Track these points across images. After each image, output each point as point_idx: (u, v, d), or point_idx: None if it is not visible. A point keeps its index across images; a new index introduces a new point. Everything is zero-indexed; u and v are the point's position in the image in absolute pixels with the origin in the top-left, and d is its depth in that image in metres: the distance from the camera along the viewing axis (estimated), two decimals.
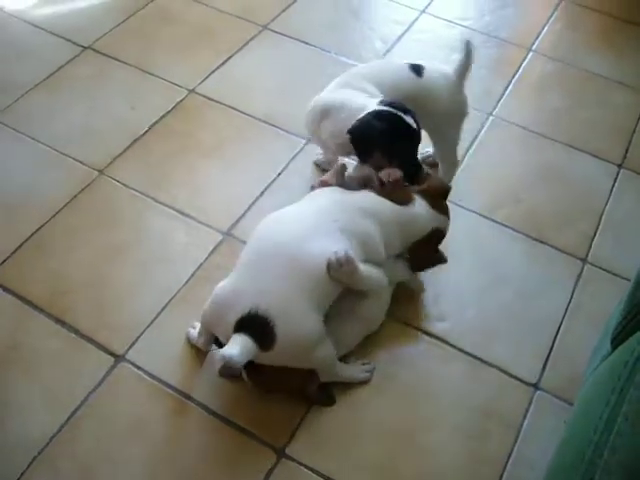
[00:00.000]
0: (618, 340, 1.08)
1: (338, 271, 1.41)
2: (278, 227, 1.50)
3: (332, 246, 1.42)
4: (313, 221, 1.48)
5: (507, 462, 1.45)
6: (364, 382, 1.54)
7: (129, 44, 2.33)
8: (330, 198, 1.54)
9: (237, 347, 1.30)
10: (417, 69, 1.77)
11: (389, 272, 1.56)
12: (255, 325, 1.34)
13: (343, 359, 1.54)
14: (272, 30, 2.38)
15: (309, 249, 1.42)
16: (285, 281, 1.39)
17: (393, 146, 1.61)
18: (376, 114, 1.60)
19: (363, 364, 1.56)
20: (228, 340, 1.36)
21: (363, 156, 1.65)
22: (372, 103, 1.64)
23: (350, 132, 1.62)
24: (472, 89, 2.20)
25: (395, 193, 1.57)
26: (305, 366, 1.44)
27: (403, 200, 1.57)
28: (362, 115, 1.61)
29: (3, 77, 2.20)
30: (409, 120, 1.61)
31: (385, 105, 1.62)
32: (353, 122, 1.62)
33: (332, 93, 1.75)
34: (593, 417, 0.85)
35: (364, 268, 1.46)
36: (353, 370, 1.55)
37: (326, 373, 1.48)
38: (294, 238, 1.44)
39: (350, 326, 1.54)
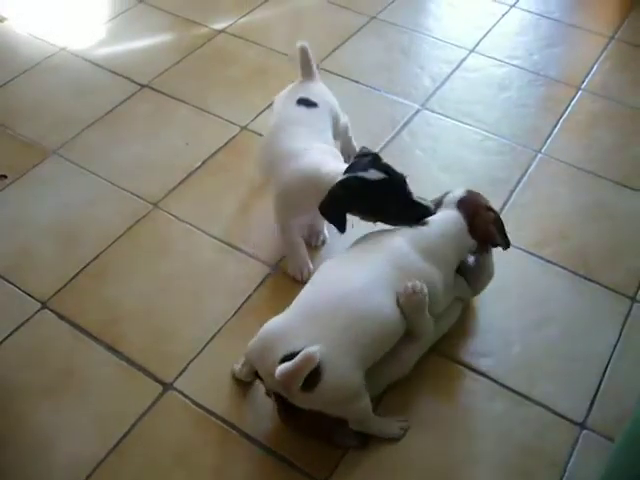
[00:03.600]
0: None
1: (409, 298, 1.45)
2: (341, 273, 1.51)
3: (394, 301, 1.45)
4: (376, 270, 1.49)
5: None
6: (394, 439, 1.52)
7: (185, 82, 2.41)
8: (392, 241, 1.55)
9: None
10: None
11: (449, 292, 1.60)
12: None
13: (380, 412, 1.53)
14: (323, 69, 2.44)
15: (371, 304, 1.44)
16: (341, 331, 1.39)
17: (372, 206, 1.59)
18: (344, 181, 1.58)
19: (398, 420, 1.54)
20: (267, 378, 1.39)
21: (342, 226, 1.61)
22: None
23: (320, 208, 1.60)
24: (520, 126, 2.23)
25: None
26: (340, 415, 1.44)
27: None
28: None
29: (65, 113, 2.30)
30: (373, 175, 1.56)
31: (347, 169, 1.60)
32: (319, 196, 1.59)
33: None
34: None
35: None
36: (386, 425, 1.52)
37: (358, 424, 1.47)
38: (357, 290, 1.45)
39: (387, 368, 1.53)
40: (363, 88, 2.38)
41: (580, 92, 2.38)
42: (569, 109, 2.32)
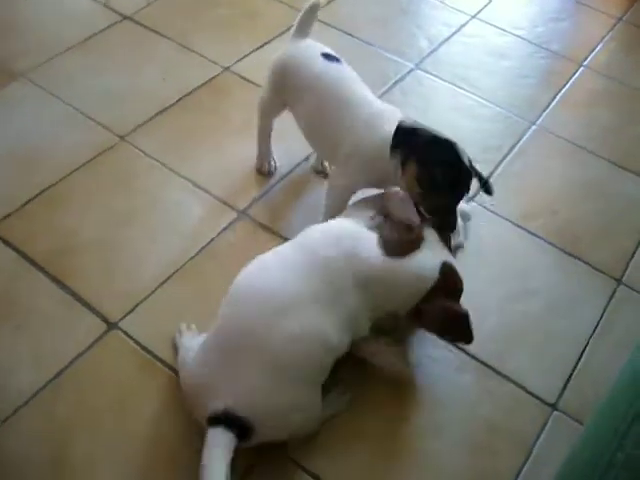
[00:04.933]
0: None
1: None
2: (257, 304, 1.24)
3: (312, 325, 1.23)
4: (298, 286, 1.25)
5: None
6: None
7: (169, 18, 2.28)
8: (323, 252, 1.29)
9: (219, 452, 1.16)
10: None
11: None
12: (231, 421, 1.18)
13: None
14: (317, 20, 2.30)
15: (286, 331, 1.21)
16: (261, 375, 1.19)
17: (434, 182, 1.39)
18: (442, 142, 1.41)
19: (338, 394, 1.39)
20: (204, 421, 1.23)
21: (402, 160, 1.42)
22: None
23: (399, 127, 1.43)
24: (517, 96, 2.13)
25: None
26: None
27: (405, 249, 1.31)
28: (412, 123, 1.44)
29: (39, 37, 2.17)
30: (466, 160, 1.40)
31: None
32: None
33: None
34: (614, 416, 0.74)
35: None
36: (330, 406, 1.36)
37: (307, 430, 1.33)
38: (270, 316, 1.21)
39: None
40: (357, 42, 2.26)
41: (582, 69, 2.27)
42: (569, 84, 2.21)
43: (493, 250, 1.71)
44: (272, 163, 1.83)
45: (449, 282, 1.33)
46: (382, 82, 2.11)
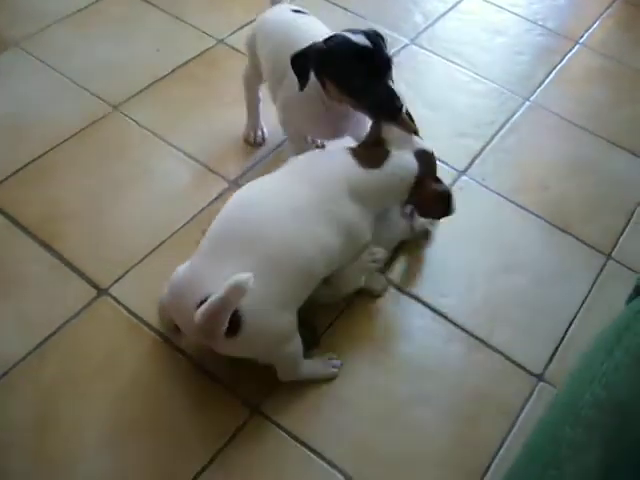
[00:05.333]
0: None
1: (365, 265, 1.45)
2: (252, 209, 1.29)
3: (313, 236, 1.27)
4: (292, 201, 1.29)
5: (497, 451, 1.34)
6: (329, 378, 1.40)
7: None
8: (311, 173, 1.35)
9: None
10: None
11: (386, 234, 1.48)
12: None
13: (309, 354, 1.39)
14: None
15: (287, 237, 1.25)
16: (259, 265, 1.20)
17: (343, 70, 1.39)
18: (329, 38, 1.41)
19: (330, 359, 1.41)
20: (187, 329, 1.25)
21: (303, 80, 1.40)
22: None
23: (292, 56, 1.41)
24: (512, 72, 2.12)
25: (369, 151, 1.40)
26: (267, 361, 1.31)
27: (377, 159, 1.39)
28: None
29: (32, 6, 2.16)
30: (357, 38, 1.37)
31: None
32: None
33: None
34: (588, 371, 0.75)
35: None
36: (317, 367, 1.39)
37: (287, 373, 1.35)
38: (270, 223, 1.25)
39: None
40: (350, 15, 2.24)
41: (578, 46, 2.26)
42: (564, 61, 2.20)
43: (483, 223, 1.71)
44: (260, 133, 1.82)
45: (427, 165, 1.43)
46: None
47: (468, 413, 1.39)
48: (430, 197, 1.42)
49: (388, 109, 1.40)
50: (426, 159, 1.43)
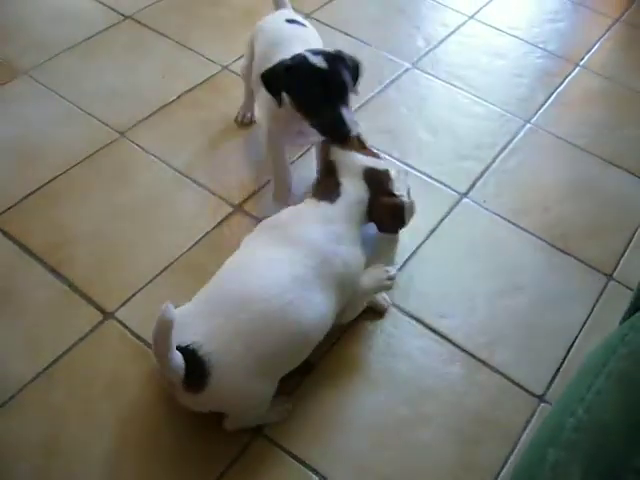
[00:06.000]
0: None
1: (382, 283, 1.51)
2: (248, 276, 1.30)
3: (308, 305, 1.28)
4: (288, 269, 1.29)
5: (499, 473, 1.35)
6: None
7: (170, 18, 2.31)
8: (307, 233, 1.36)
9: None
10: None
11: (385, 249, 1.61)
12: (189, 362, 1.18)
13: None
14: (315, 19, 2.34)
15: (282, 309, 1.24)
16: (243, 333, 1.21)
17: (298, 88, 1.47)
18: (292, 57, 1.49)
19: (282, 402, 1.37)
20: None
21: (275, 97, 1.50)
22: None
23: (261, 75, 1.52)
24: (512, 95, 2.15)
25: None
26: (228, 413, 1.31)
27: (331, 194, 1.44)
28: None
29: (42, 37, 2.20)
30: (315, 60, 1.45)
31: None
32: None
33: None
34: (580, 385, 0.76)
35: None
36: (270, 415, 1.35)
37: (236, 425, 1.32)
38: (268, 293, 1.25)
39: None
40: (353, 41, 2.28)
41: (578, 68, 2.29)
42: (564, 84, 2.22)
43: (484, 245, 1.73)
44: (248, 115, 1.96)
45: (378, 184, 1.46)
46: (378, 81, 2.14)
47: (469, 434, 1.40)
48: (384, 214, 1.46)
49: (335, 133, 1.47)
50: (375, 177, 1.47)
